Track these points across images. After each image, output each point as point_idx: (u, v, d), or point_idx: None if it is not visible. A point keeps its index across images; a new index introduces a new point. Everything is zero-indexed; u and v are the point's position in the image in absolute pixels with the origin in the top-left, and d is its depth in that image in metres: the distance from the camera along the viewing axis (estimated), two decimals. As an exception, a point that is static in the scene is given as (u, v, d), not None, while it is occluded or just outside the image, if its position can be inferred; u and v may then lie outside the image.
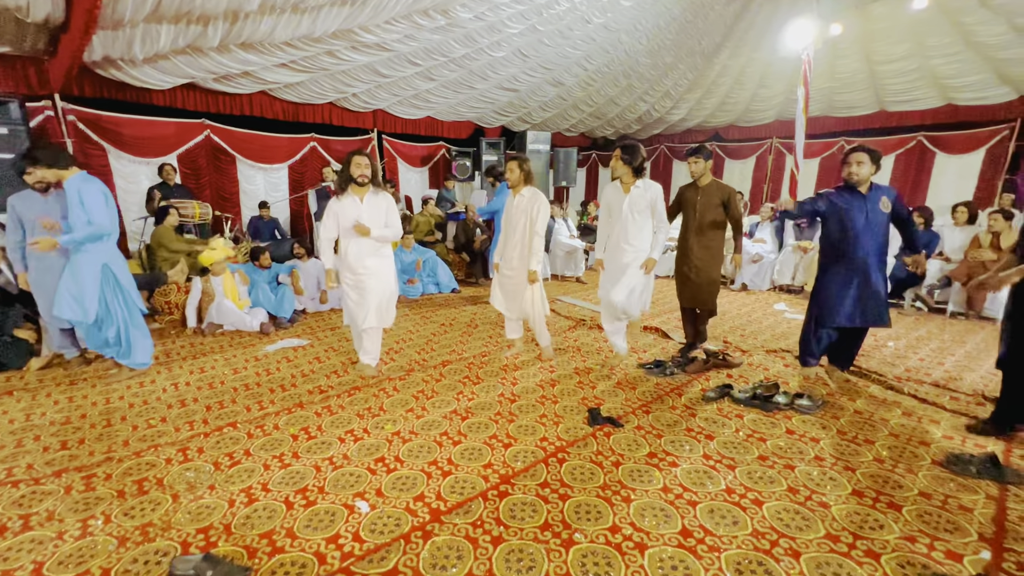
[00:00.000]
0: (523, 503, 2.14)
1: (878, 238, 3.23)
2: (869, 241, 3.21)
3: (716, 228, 3.78)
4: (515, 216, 3.75)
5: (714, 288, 3.86)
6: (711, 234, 3.79)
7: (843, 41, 8.10)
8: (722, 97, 10.43)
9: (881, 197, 3.22)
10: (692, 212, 3.83)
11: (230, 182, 7.32)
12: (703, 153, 3.73)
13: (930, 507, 2.09)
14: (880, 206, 3.20)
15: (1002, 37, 7.44)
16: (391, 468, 2.42)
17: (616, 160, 3.59)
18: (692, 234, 3.84)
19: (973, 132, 8.86)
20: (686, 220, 3.89)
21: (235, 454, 2.56)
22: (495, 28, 6.67)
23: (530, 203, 3.67)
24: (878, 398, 3.24)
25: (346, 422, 2.90)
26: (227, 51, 5.53)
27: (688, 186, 3.91)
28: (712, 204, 3.74)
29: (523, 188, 3.73)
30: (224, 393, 3.35)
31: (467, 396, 3.26)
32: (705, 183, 3.79)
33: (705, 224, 3.78)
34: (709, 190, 3.77)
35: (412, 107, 8.51)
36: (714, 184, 3.79)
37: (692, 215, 3.83)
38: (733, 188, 3.80)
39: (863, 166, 3.18)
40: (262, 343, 4.42)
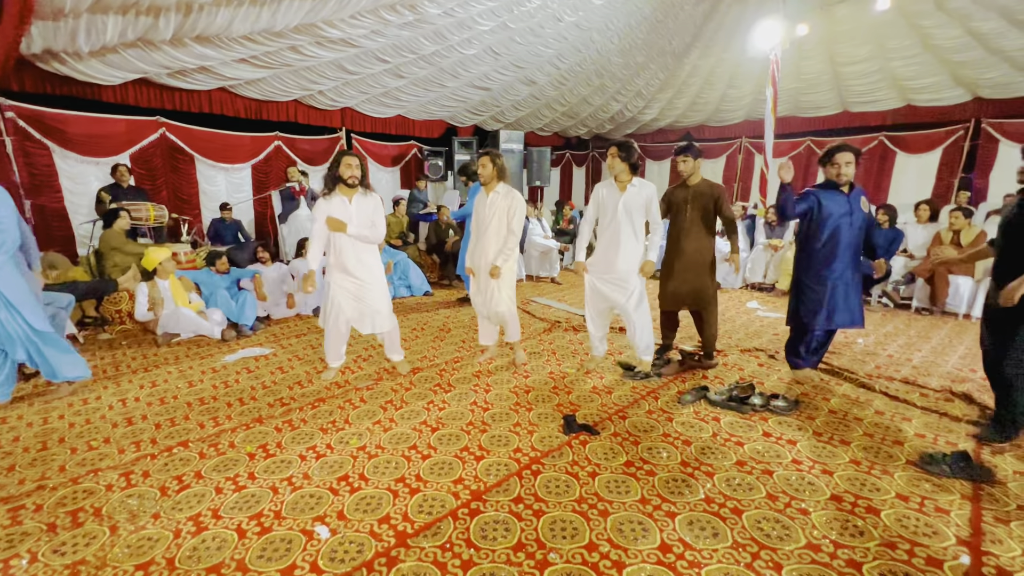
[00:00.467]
0: (495, 521, 2.03)
1: (857, 237, 3.24)
2: (850, 241, 3.21)
3: (708, 228, 3.67)
4: (487, 214, 3.58)
5: (711, 288, 3.73)
6: (704, 234, 3.66)
7: (808, 43, 8.25)
8: (693, 97, 10.53)
9: (860, 197, 3.22)
10: (684, 212, 3.71)
11: (188, 183, 6.98)
12: (692, 151, 3.62)
13: (908, 510, 2.06)
14: (860, 205, 3.21)
15: (957, 40, 7.69)
16: (355, 487, 2.27)
17: (613, 158, 3.39)
18: (684, 235, 3.70)
19: (930, 132, 9.15)
20: (677, 221, 3.75)
21: (185, 477, 2.37)
22: (465, 25, 6.53)
23: (505, 201, 3.53)
24: (851, 396, 3.24)
25: (308, 437, 2.73)
26: (181, 45, 5.25)
27: (678, 186, 3.80)
28: (704, 203, 3.64)
29: (497, 185, 3.58)
30: (176, 409, 3.13)
31: (438, 406, 3.13)
32: (695, 182, 3.68)
33: (697, 224, 3.66)
34: (700, 189, 3.66)
35: (382, 105, 8.30)
36: (704, 183, 3.67)
37: (683, 215, 3.71)
38: (723, 186, 3.71)
39: (851, 166, 3.16)
40: (221, 353, 4.18)
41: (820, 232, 3.27)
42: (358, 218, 3.28)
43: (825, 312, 3.29)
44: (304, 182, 6.96)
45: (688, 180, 3.70)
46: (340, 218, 3.22)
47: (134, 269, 4.71)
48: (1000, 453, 2.52)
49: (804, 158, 10.67)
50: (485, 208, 3.60)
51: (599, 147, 13.32)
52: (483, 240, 3.62)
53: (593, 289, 3.59)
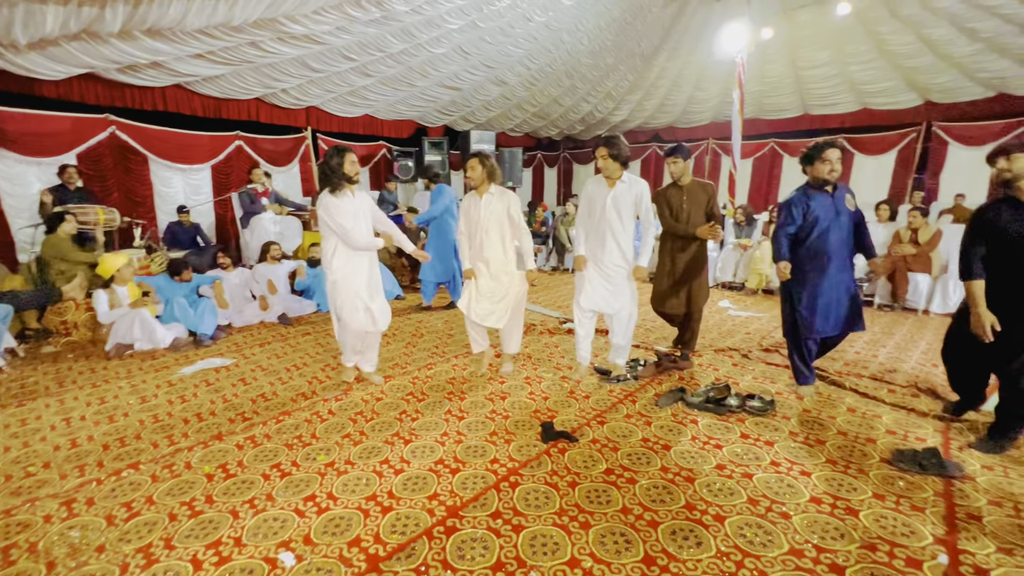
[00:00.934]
0: (472, 540, 1.93)
1: (848, 238, 3.07)
2: (840, 243, 3.04)
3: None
4: (484, 217, 3.43)
5: (704, 289, 3.73)
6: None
7: (771, 47, 8.45)
8: (661, 99, 10.66)
9: (845, 195, 3.09)
10: (680, 213, 3.68)
11: (142, 184, 6.61)
12: (682, 152, 3.60)
13: (885, 510, 2.07)
14: (846, 203, 3.06)
15: (909, 46, 8.01)
16: (323, 508, 2.14)
17: (604, 159, 3.24)
18: (678, 236, 3.68)
19: (886, 135, 9.52)
20: (670, 222, 3.74)
21: (135, 503, 2.18)
22: (434, 23, 6.40)
23: (501, 201, 3.44)
24: (823, 395, 3.28)
25: (272, 455, 2.58)
26: (131, 38, 4.95)
27: (670, 187, 3.78)
28: (697, 203, 3.62)
29: (489, 187, 3.46)
30: (127, 428, 2.91)
31: (411, 416, 3.01)
32: (687, 182, 3.67)
33: (692, 224, 3.62)
34: (692, 189, 3.64)
35: (348, 104, 8.07)
36: (696, 183, 3.66)
37: (680, 217, 3.68)
38: (714, 185, 3.69)
39: (840, 162, 2.98)
40: (178, 365, 3.94)
41: (807, 238, 3.07)
42: (364, 212, 3.27)
43: (820, 319, 3.08)
44: (267, 183, 6.70)
45: (679, 180, 3.69)
46: (354, 213, 3.18)
47: (81, 277, 4.42)
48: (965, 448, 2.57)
49: (768, 159, 10.95)
50: (479, 211, 3.45)
51: (570, 148, 13.36)
52: (485, 244, 3.47)
53: (583, 287, 3.45)
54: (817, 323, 3.10)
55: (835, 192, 3.08)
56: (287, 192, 7.62)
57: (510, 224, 3.45)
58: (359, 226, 3.20)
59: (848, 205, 3.08)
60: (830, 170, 2.98)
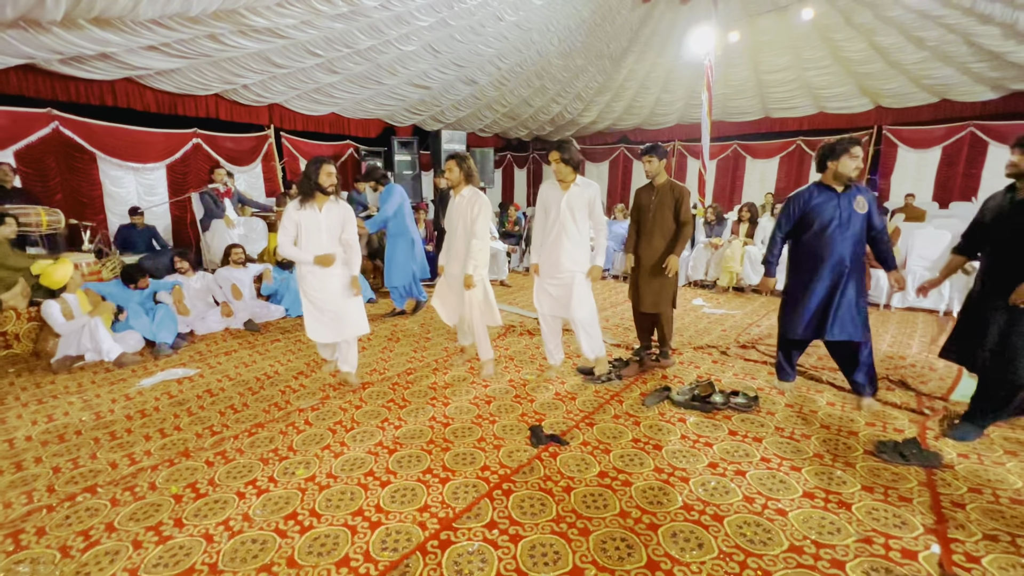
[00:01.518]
0: (469, 553, 1.84)
1: (852, 240, 2.87)
2: (841, 243, 2.87)
3: (671, 229, 3.63)
4: (454, 218, 3.54)
5: (669, 289, 3.71)
6: (666, 235, 3.62)
7: (735, 51, 8.69)
8: (629, 100, 10.81)
9: (857, 197, 2.88)
10: (647, 213, 3.68)
11: (90, 184, 6.19)
12: (657, 152, 3.59)
13: (875, 502, 2.11)
14: (856, 206, 2.86)
15: (862, 53, 8.39)
16: (306, 526, 2.00)
17: (557, 163, 3.30)
18: (647, 236, 3.67)
19: (841, 137, 9.92)
20: (642, 222, 3.73)
21: (93, 531, 1.99)
22: (403, 20, 6.26)
23: (469, 204, 3.44)
24: (802, 389, 3.35)
25: (246, 470, 2.41)
26: (76, 27, 4.60)
27: (644, 187, 3.78)
28: (667, 204, 3.62)
29: (463, 188, 3.50)
30: (80, 447, 2.67)
31: (393, 424, 2.88)
32: (660, 183, 3.66)
33: (661, 225, 3.62)
34: (663, 190, 3.64)
35: (314, 102, 7.81)
36: (668, 184, 3.65)
37: (647, 216, 3.68)
38: (687, 189, 3.67)
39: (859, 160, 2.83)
40: (135, 377, 3.68)
41: (802, 232, 2.99)
42: (327, 224, 3.27)
43: (807, 322, 2.97)
44: (230, 183, 6.38)
45: (654, 181, 3.69)
46: (310, 226, 3.22)
47: (21, 283, 4.07)
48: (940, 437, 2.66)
49: (732, 160, 11.27)
50: (452, 211, 3.56)
51: (539, 149, 13.39)
52: (454, 244, 3.57)
53: (541, 291, 3.50)
54: (793, 325, 3.01)
55: (845, 192, 2.89)
56: (250, 192, 7.29)
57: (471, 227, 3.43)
58: (310, 240, 3.24)
59: (857, 208, 2.86)
60: (856, 167, 2.85)
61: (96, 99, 5.79)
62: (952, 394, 3.20)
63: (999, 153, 8.57)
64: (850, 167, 2.85)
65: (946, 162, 9.10)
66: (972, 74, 7.97)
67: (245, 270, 5.30)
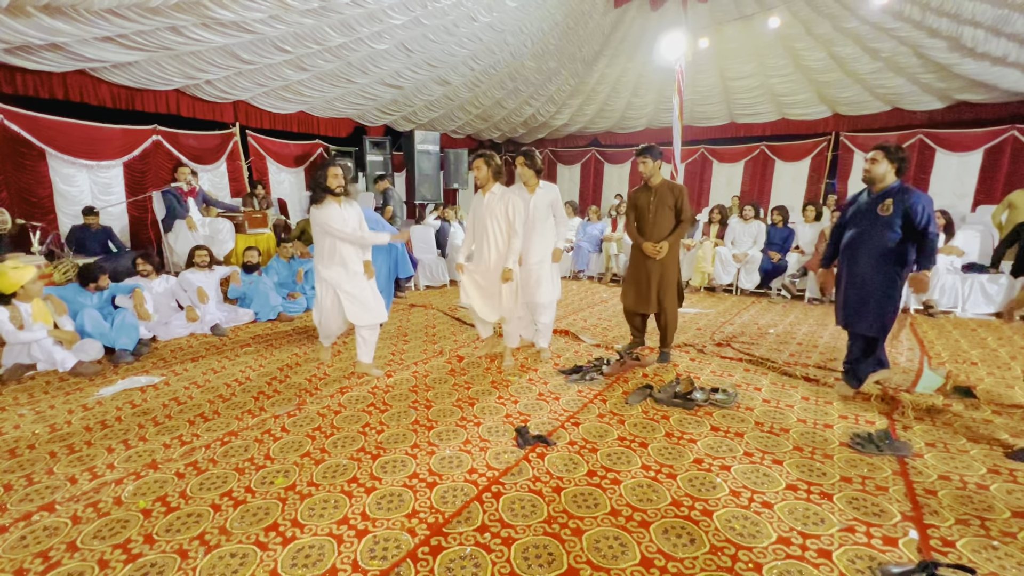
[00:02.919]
0: (461, 558, 1.80)
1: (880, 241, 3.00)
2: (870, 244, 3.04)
3: (670, 229, 3.71)
4: (484, 216, 3.64)
5: (675, 290, 3.80)
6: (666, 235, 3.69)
7: (702, 58, 8.92)
8: (601, 104, 10.95)
9: (885, 200, 3.00)
10: (646, 214, 3.72)
11: (39, 183, 5.80)
12: (651, 153, 3.64)
13: (855, 492, 2.17)
14: (879, 209, 3.01)
15: (821, 62, 8.75)
16: (288, 537, 1.91)
17: (522, 167, 3.77)
18: (647, 237, 3.72)
19: (802, 143, 10.35)
20: (641, 223, 3.79)
21: (53, 552, 1.85)
22: (376, 17, 6.15)
23: (501, 201, 3.58)
24: (777, 384, 3.44)
25: (220, 482, 2.29)
26: (23, 15, 4.32)
27: (640, 188, 3.82)
28: (665, 205, 3.67)
29: (492, 186, 3.61)
30: (35, 462, 2.49)
31: (375, 428, 2.81)
32: (656, 183, 3.70)
33: (663, 225, 3.68)
34: (661, 191, 3.68)
35: (282, 100, 7.58)
36: (665, 184, 3.70)
37: (646, 217, 3.72)
38: (684, 187, 3.76)
39: (876, 164, 3.03)
40: (94, 386, 3.46)
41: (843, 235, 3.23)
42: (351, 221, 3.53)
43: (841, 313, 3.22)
44: (194, 183, 6.12)
45: (650, 181, 3.73)
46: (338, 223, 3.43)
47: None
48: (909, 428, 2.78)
49: (699, 164, 11.55)
50: (482, 209, 3.64)
51: (512, 151, 13.40)
52: (485, 241, 3.66)
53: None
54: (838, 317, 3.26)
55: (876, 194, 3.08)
56: (215, 192, 7.01)
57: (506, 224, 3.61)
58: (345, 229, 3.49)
59: (881, 211, 3.01)
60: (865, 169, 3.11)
61: (46, 92, 5.45)
62: (916, 387, 3.35)
63: (946, 160, 9.10)
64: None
65: (898, 167, 9.58)
66: (921, 84, 8.43)
67: (211, 273, 5.08)
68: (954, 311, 5.51)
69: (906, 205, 2.93)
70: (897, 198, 2.98)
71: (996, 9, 6.31)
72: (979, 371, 3.73)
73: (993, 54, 7.02)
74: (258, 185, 7.47)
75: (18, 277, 3.57)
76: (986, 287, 5.41)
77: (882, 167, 3.05)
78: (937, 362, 3.94)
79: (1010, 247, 5.48)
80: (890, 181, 3.06)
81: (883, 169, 3.05)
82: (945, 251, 5.62)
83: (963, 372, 3.69)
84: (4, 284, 3.53)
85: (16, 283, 3.56)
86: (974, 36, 6.81)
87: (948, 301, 5.51)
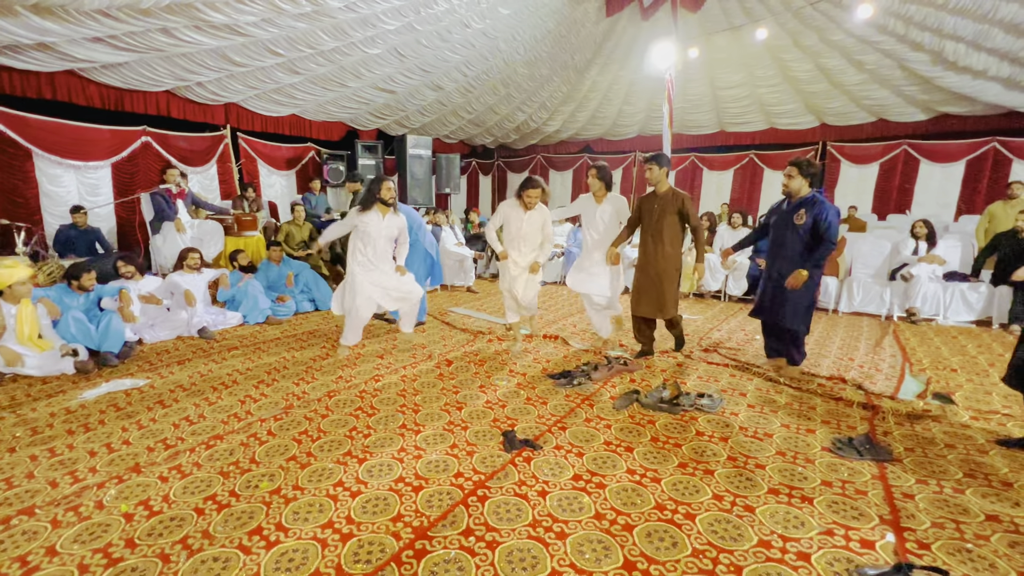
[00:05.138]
0: (445, 561, 1.81)
1: (789, 243, 3.48)
2: (780, 245, 3.55)
3: (674, 236, 3.80)
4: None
5: (672, 296, 3.90)
6: (670, 243, 3.80)
7: (692, 67, 9.05)
8: (592, 111, 11.06)
9: (799, 210, 3.41)
10: (650, 220, 3.81)
11: (25, 183, 5.76)
12: (658, 160, 3.74)
13: (835, 496, 2.21)
14: (795, 218, 3.42)
15: (809, 73, 8.92)
16: (272, 541, 1.91)
17: (592, 179, 4.13)
18: (651, 243, 3.83)
19: (789, 152, 10.50)
20: (645, 229, 3.88)
21: (31, 557, 1.83)
22: (369, 22, 6.19)
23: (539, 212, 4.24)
24: (762, 390, 3.49)
25: (205, 485, 2.28)
26: (11, 14, 4.31)
27: (647, 195, 3.92)
28: (669, 212, 3.76)
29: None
30: (15, 465, 2.46)
31: (362, 432, 2.80)
32: (663, 191, 3.80)
33: (663, 233, 3.77)
34: (666, 198, 3.77)
35: (274, 103, 7.58)
36: (671, 192, 3.79)
37: (650, 223, 3.81)
38: (688, 195, 3.85)
39: (792, 179, 3.45)
40: (77, 389, 3.42)
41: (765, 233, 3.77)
42: (386, 232, 4.11)
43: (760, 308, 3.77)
44: (183, 184, 6.09)
45: (657, 189, 3.80)
46: (373, 229, 4.03)
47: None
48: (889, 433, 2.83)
49: (690, 172, 11.68)
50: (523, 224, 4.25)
51: (504, 156, 13.47)
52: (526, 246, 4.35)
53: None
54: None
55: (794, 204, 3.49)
56: (205, 194, 6.97)
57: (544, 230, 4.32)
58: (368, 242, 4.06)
59: (796, 220, 3.43)
60: (783, 184, 3.57)
61: (33, 91, 5.42)
62: (898, 393, 3.40)
63: (929, 170, 9.28)
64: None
65: (883, 177, 9.76)
66: (905, 96, 8.61)
67: (199, 275, 5.05)
68: (936, 319, 5.61)
69: (814, 214, 3.33)
70: (809, 208, 3.36)
71: (977, 24, 6.48)
72: (959, 377, 3.80)
73: (974, 68, 7.20)
74: (249, 187, 7.45)
75: (6, 276, 3.53)
76: (967, 295, 5.52)
77: (796, 182, 3.44)
78: (918, 368, 4.01)
79: (990, 256, 5.60)
80: (804, 192, 3.45)
81: (798, 183, 3.44)
82: (927, 260, 5.73)
83: (943, 378, 3.77)
84: None
85: (3, 282, 3.51)
86: (955, 50, 6.99)
87: (930, 309, 5.61)
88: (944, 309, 5.59)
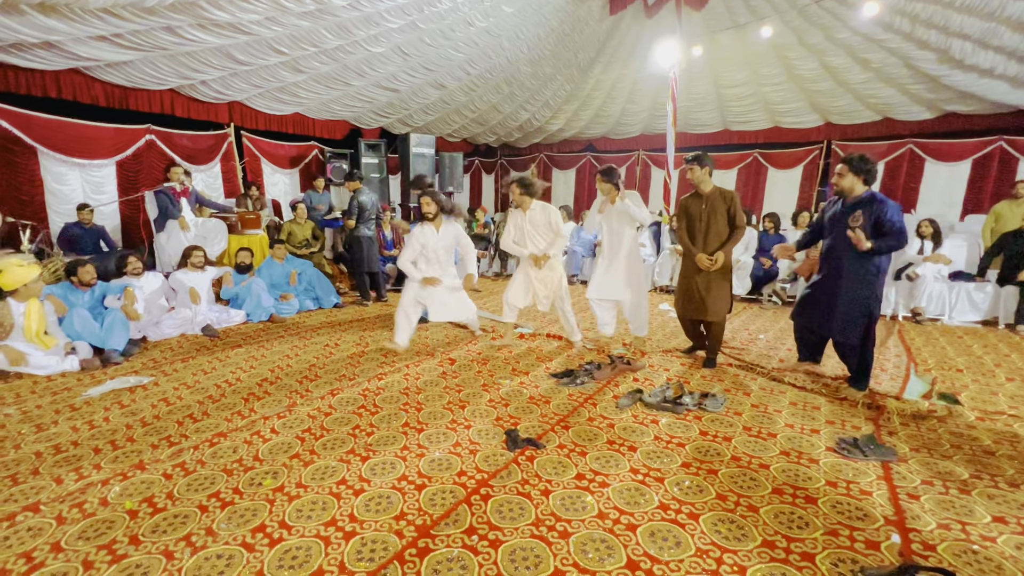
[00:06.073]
0: (448, 560, 1.81)
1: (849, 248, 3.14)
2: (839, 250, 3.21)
3: (724, 238, 3.66)
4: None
5: (726, 299, 3.76)
6: (719, 242, 3.65)
7: (696, 65, 9.01)
8: (596, 110, 11.02)
9: (855, 211, 3.12)
10: (697, 222, 3.67)
11: (30, 181, 5.77)
12: (700, 160, 3.59)
13: (839, 496, 2.20)
14: (851, 220, 3.10)
15: (813, 72, 8.85)
16: (276, 539, 1.91)
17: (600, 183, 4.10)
18: (703, 246, 3.68)
19: (794, 151, 10.44)
20: (692, 231, 3.74)
21: (36, 553, 1.83)
22: (372, 21, 6.18)
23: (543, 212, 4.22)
24: (766, 389, 3.47)
25: (208, 483, 2.29)
26: (17, 12, 4.32)
27: (691, 196, 3.78)
28: (719, 212, 3.61)
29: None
30: (20, 462, 2.47)
31: (365, 431, 2.81)
32: (708, 191, 3.66)
33: (717, 232, 3.63)
34: (713, 198, 3.63)
35: (277, 101, 7.59)
36: (717, 191, 3.64)
37: (698, 225, 3.67)
38: (736, 193, 3.70)
39: (843, 178, 3.16)
40: (82, 386, 3.44)
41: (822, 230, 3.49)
42: (443, 243, 4.28)
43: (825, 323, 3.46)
44: (187, 183, 6.10)
45: (700, 188, 3.69)
46: (428, 241, 4.24)
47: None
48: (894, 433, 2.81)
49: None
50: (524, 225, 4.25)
51: (507, 155, 13.45)
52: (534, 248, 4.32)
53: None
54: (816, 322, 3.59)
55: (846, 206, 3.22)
56: (209, 193, 6.99)
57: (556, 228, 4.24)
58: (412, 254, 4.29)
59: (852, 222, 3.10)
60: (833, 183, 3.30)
61: (38, 90, 5.43)
62: (903, 393, 3.38)
63: (935, 169, 9.22)
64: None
65: (888, 176, 9.69)
66: (911, 95, 8.54)
67: (203, 273, 5.06)
68: (941, 318, 5.58)
69: (876, 215, 3.04)
70: (867, 209, 3.08)
71: (984, 22, 6.42)
72: (964, 378, 3.78)
73: (981, 66, 7.14)
74: (252, 186, 7.46)
75: (22, 275, 3.55)
76: (972, 295, 5.49)
77: (848, 180, 3.14)
78: (923, 368, 3.99)
79: (996, 256, 5.56)
80: (859, 191, 3.15)
81: (849, 182, 3.14)
82: (933, 259, 5.69)
83: (949, 379, 3.74)
84: (5, 280, 3.50)
85: (18, 281, 3.53)
86: (962, 48, 6.92)
87: (935, 309, 5.58)
88: (950, 309, 5.56)
